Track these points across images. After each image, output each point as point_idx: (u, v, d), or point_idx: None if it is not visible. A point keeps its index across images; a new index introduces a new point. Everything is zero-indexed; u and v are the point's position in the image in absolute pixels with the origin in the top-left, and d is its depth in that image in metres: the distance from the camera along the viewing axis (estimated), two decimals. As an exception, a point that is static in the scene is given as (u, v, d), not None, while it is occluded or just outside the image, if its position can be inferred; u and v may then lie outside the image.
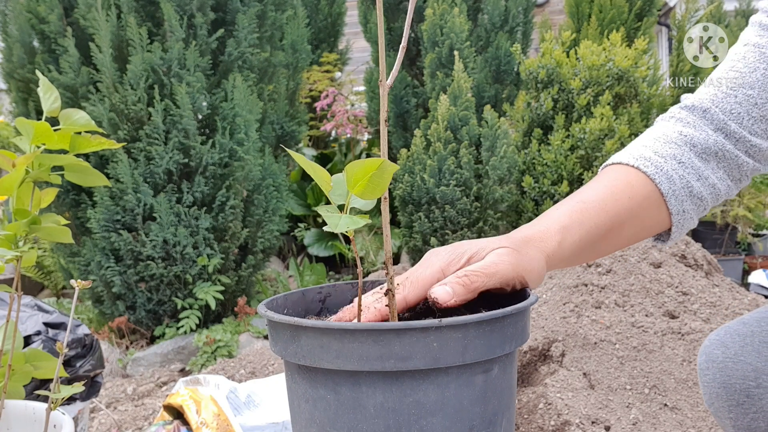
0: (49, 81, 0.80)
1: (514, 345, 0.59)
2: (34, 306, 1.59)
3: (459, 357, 0.55)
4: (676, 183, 0.90)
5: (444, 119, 3.83)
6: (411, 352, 0.54)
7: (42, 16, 3.42)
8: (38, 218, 0.75)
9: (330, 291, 0.75)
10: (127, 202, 3.24)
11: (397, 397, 0.55)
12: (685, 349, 1.99)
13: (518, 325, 0.60)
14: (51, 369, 0.79)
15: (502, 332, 0.57)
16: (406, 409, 0.55)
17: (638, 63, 4.15)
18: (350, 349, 0.54)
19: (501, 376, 0.59)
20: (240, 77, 3.47)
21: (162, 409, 1.65)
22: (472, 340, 0.55)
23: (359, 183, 0.57)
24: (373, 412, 0.55)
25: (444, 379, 0.55)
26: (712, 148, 0.91)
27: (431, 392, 0.55)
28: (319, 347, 0.56)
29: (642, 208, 0.89)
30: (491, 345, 0.56)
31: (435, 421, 0.55)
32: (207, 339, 3.22)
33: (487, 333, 0.56)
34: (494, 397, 0.59)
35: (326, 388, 0.57)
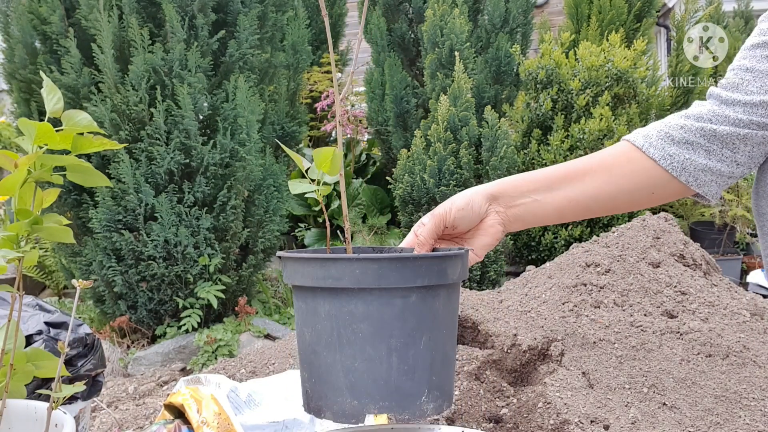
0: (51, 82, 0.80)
1: (429, 280, 0.76)
2: (35, 305, 1.60)
3: (375, 282, 0.74)
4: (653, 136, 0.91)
5: (444, 120, 3.84)
6: (342, 274, 0.75)
7: (44, 17, 3.43)
8: (40, 218, 0.75)
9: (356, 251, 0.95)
10: (128, 202, 3.25)
11: (337, 307, 0.77)
12: (683, 349, 2.00)
13: (433, 267, 0.77)
14: (52, 368, 0.80)
15: (414, 270, 0.75)
16: (343, 316, 0.76)
17: (637, 64, 4.15)
18: (308, 271, 0.78)
19: (420, 303, 0.77)
20: (241, 78, 3.48)
21: (163, 408, 1.66)
22: (387, 272, 0.74)
23: (325, 163, 0.82)
24: (324, 316, 0.78)
25: (368, 298, 0.75)
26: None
27: (360, 305, 0.76)
28: (294, 271, 0.80)
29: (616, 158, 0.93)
30: (404, 277, 0.75)
31: (363, 327, 0.76)
32: (208, 338, 3.23)
33: (399, 268, 0.75)
34: (412, 318, 0.77)
35: (301, 299, 0.81)
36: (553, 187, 0.92)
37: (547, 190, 0.92)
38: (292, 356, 2.45)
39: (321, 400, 0.82)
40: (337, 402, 0.79)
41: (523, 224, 0.95)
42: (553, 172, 0.93)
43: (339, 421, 0.80)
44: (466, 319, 2.36)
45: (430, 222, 0.91)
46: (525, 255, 4.31)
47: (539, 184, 0.93)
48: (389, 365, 0.77)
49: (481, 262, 3.83)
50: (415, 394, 0.79)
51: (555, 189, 0.92)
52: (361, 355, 0.77)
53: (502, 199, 0.93)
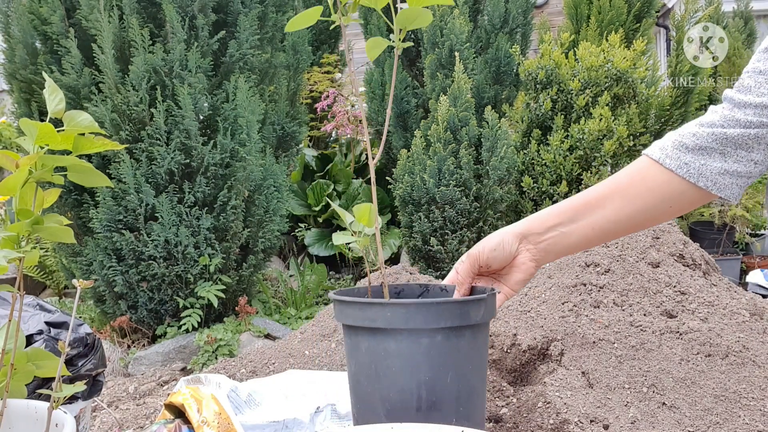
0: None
1: (452, 322, 0.85)
2: (36, 305, 1.61)
3: (404, 323, 0.85)
4: (668, 147, 0.94)
5: (444, 120, 3.84)
6: (376, 317, 0.86)
7: (44, 17, 3.43)
8: (41, 218, 0.76)
9: (404, 287, 1.09)
10: (129, 202, 3.26)
11: (374, 344, 0.88)
12: (683, 348, 2.00)
13: (454, 310, 0.86)
14: (53, 368, 0.80)
15: (438, 313, 0.85)
16: (379, 352, 0.87)
17: (637, 64, 4.16)
18: (350, 313, 0.91)
19: (445, 342, 0.86)
20: (242, 78, 3.48)
21: (163, 407, 1.66)
22: (414, 315, 0.85)
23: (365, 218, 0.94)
24: (364, 351, 0.90)
25: (399, 337, 0.86)
26: None
27: (392, 343, 0.86)
28: (340, 311, 0.93)
29: (632, 177, 0.97)
30: (429, 319, 0.84)
31: (396, 362, 0.87)
32: (208, 338, 3.23)
33: (424, 312, 0.84)
34: (438, 355, 0.86)
35: (347, 335, 0.94)
36: (576, 217, 0.97)
37: (571, 221, 0.98)
38: (292, 356, 2.46)
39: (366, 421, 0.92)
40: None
41: (554, 256, 1.01)
42: (574, 203, 0.99)
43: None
44: (465, 319, 2.36)
45: (466, 262, 1.00)
46: (525, 255, 4.30)
47: (563, 216, 0.98)
48: (419, 397, 0.86)
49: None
50: (445, 422, 0.83)
51: (578, 219, 0.97)
52: (394, 386, 0.87)
53: (531, 237, 0.99)
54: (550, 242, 0.98)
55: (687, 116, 4.72)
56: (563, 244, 0.98)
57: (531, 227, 0.99)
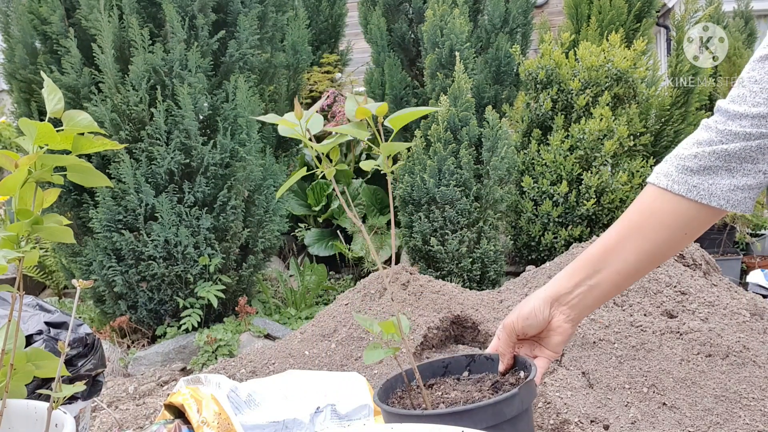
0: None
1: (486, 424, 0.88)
2: (35, 305, 1.61)
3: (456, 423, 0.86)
4: (673, 173, 0.93)
5: (444, 120, 3.84)
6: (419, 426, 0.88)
7: (44, 17, 3.43)
8: (40, 218, 0.75)
9: (450, 361, 1.10)
10: (128, 202, 3.26)
11: None
12: (683, 348, 2.00)
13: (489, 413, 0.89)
14: (53, 368, 0.80)
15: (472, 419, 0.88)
16: None
17: (637, 64, 4.15)
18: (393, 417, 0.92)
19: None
20: (241, 78, 3.48)
21: (163, 408, 1.66)
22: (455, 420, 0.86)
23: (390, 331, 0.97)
24: None
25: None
26: None
27: None
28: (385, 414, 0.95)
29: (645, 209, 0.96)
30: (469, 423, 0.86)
31: None
32: (208, 338, 3.23)
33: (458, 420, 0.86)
34: None
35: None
36: (598, 267, 0.97)
37: (595, 272, 0.97)
38: (292, 356, 2.46)
39: None
40: None
41: (588, 310, 1.00)
42: (593, 253, 0.98)
43: None
44: (466, 319, 2.36)
45: (503, 333, 1.02)
46: (525, 255, 4.31)
47: (586, 270, 0.98)
48: None
49: (482, 262, 3.83)
50: None
51: (601, 269, 0.97)
52: None
53: (561, 298, 0.99)
54: (580, 298, 0.98)
55: (687, 116, 4.72)
56: (593, 296, 0.98)
57: (559, 289, 0.99)
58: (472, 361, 1.08)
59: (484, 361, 1.07)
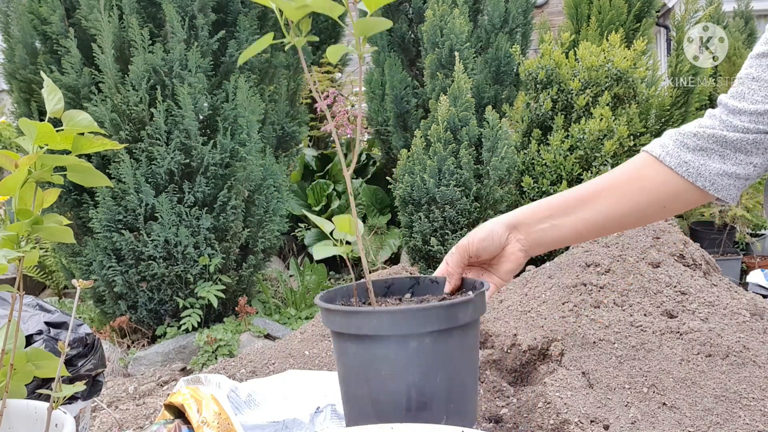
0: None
1: (439, 326, 0.85)
2: (35, 305, 1.61)
3: (391, 330, 0.84)
4: (669, 146, 0.94)
5: (444, 120, 3.84)
6: (362, 324, 0.85)
7: (44, 17, 3.43)
8: (40, 218, 0.75)
9: (394, 281, 1.07)
10: (128, 202, 3.26)
11: (362, 349, 0.87)
12: (683, 349, 2.00)
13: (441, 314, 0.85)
14: (53, 368, 0.80)
15: (426, 318, 0.84)
16: (367, 357, 0.87)
17: (637, 64, 4.15)
18: (336, 320, 0.90)
19: (433, 345, 0.85)
20: (242, 78, 3.48)
21: (163, 408, 1.66)
22: (400, 321, 0.84)
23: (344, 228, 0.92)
24: (352, 356, 0.89)
25: (386, 342, 0.85)
26: None
27: (379, 349, 0.86)
28: (326, 318, 0.92)
29: (635, 171, 0.97)
30: (416, 325, 0.84)
31: (384, 366, 0.86)
32: (208, 338, 3.23)
33: (410, 317, 0.84)
34: (426, 358, 0.85)
35: (335, 340, 0.93)
36: (569, 211, 0.97)
37: (563, 214, 0.97)
38: (292, 356, 2.46)
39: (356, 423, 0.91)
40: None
41: (543, 248, 1.00)
42: (567, 197, 0.98)
43: None
44: (466, 319, 2.35)
45: (456, 254, 0.99)
46: (525, 255, 4.31)
47: (555, 209, 0.98)
48: (409, 398, 0.86)
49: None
50: (435, 421, 0.85)
51: (570, 213, 0.97)
52: (384, 389, 0.87)
53: (522, 227, 0.99)
54: (540, 234, 0.98)
55: (687, 116, 4.72)
56: (553, 236, 0.98)
57: (522, 218, 0.99)
58: (416, 283, 1.06)
59: (429, 284, 1.05)
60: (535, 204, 1.01)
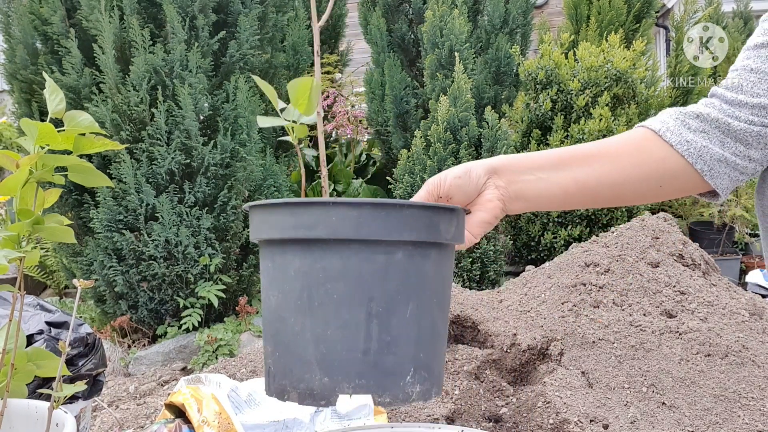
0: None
1: (417, 235, 0.66)
2: (36, 305, 1.61)
3: (354, 232, 0.64)
4: (669, 122, 0.89)
5: (444, 120, 3.84)
6: (315, 222, 0.64)
7: (45, 17, 3.43)
8: (41, 218, 0.76)
9: None
10: (129, 202, 3.26)
11: (309, 262, 0.66)
12: (682, 348, 2.00)
13: (423, 219, 0.67)
14: (53, 368, 0.80)
15: (401, 219, 0.65)
16: (316, 273, 0.66)
17: (636, 64, 4.16)
18: (275, 221, 0.66)
19: (407, 262, 0.66)
20: (242, 78, 3.48)
21: (164, 407, 1.66)
22: (367, 220, 0.64)
23: (301, 101, 0.69)
24: (293, 274, 0.67)
25: (345, 252, 0.65)
26: None
27: (335, 260, 0.65)
28: (261, 221, 0.69)
29: (631, 146, 0.89)
30: (389, 228, 0.64)
31: (338, 286, 0.65)
32: (208, 338, 3.23)
33: (383, 216, 0.64)
34: (397, 278, 0.66)
35: (268, 257, 0.70)
36: (559, 167, 0.87)
37: (553, 169, 0.87)
38: (293, 356, 2.45)
39: (285, 378, 0.69)
40: (305, 379, 0.67)
41: (525, 204, 0.88)
42: (559, 153, 0.88)
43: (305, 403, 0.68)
44: (466, 318, 2.37)
45: (423, 190, 0.84)
46: (525, 255, 4.32)
47: (544, 162, 0.87)
48: (368, 334, 0.66)
49: (481, 262, 3.83)
50: (399, 373, 0.68)
51: (561, 169, 0.87)
52: (335, 320, 0.66)
53: (504, 173, 0.86)
54: (524, 186, 0.86)
55: (687, 116, 4.72)
56: (538, 189, 0.86)
57: (507, 164, 0.87)
58: None
59: None
60: (522, 154, 0.89)
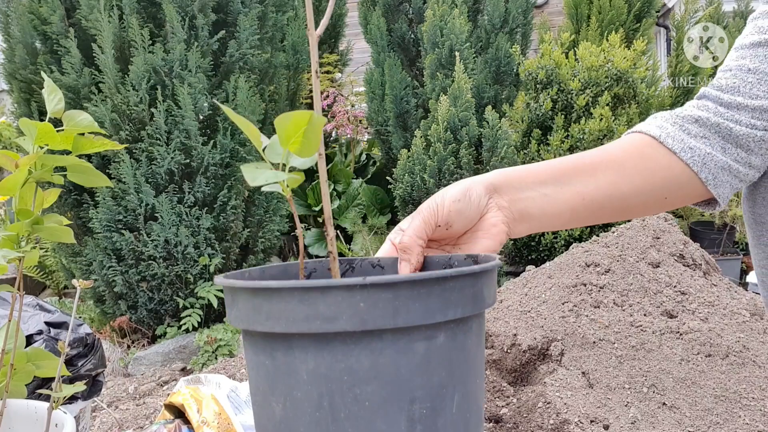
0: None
1: (463, 311, 0.54)
2: (36, 305, 1.61)
3: (390, 320, 0.50)
4: (668, 128, 0.82)
5: (444, 120, 3.84)
6: (337, 312, 0.50)
7: (44, 17, 3.43)
8: (41, 218, 0.75)
9: (316, 266, 0.71)
10: (129, 202, 3.26)
11: (329, 362, 0.52)
12: (683, 348, 2.00)
13: (466, 289, 0.54)
14: (53, 368, 0.80)
15: (444, 296, 0.52)
16: (339, 375, 0.52)
17: (637, 64, 4.16)
18: (278, 310, 0.51)
19: (450, 345, 0.55)
20: (242, 78, 3.48)
21: (163, 407, 1.66)
22: (405, 302, 0.51)
23: (294, 138, 0.53)
24: (306, 378, 0.52)
25: (377, 345, 0.51)
26: None
27: (363, 358, 0.51)
28: (252, 309, 0.53)
29: (634, 153, 0.81)
30: (429, 309, 0.52)
31: (370, 390, 0.52)
32: (208, 338, 3.23)
33: (423, 295, 0.51)
34: (441, 368, 0.54)
35: (264, 353, 0.55)
36: (563, 180, 0.78)
37: (557, 183, 0.77)
38: (292, 356, 2.45)
39: None
40: None
41: (529, 225, 0.78)
42: (561, 165, 0.79)
43: None
44: (466, 319, 2.36)
45: (418, 220, 0.72)
46: (525, 255, 4.31)
47: (546, 176, 0.78)
48: None
49: (481, 262, 3.83)
50: None
51: (565, 183, 0.78)
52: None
53: (506, 191, 0.76)
54: (528, 204, 0.76)
55: (687, 116, 4.73)
56: (543, 208, 0.77)
57: (506, 180, 0.76)
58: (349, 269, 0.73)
59: (369, 268, 0.73)
60: (523, 167, 0.79)
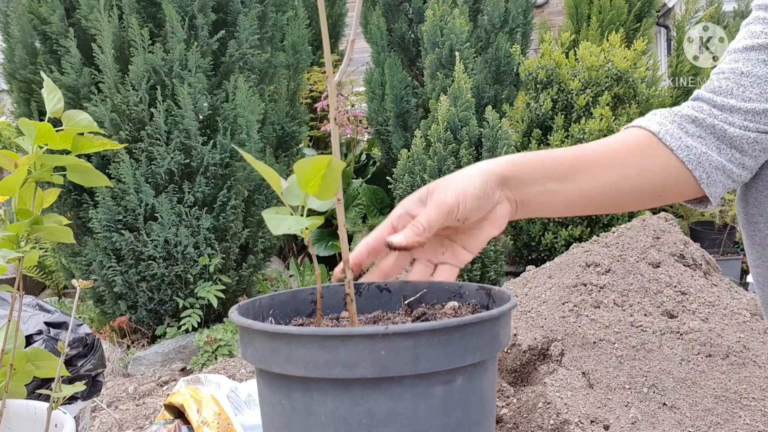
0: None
1: (480, 355, 0.54)
2: (35, 305, 1.60)
3: (410, 367, 0.51)
4: (667, 125, 0.84)
5: (444, 120, 3.84)
6: (357, 359, 0.51)
7: (44, 17, 3.43)
8: (40, 218, 0.75)
9: (324, 293, 0.71)
10: (128, 202, 3.26)
11: (348, 405, 0.52)
12: (683, 349, 2.00)
13: (485, 333, 0.55)
14: (52, 368, 0.80)
15: (463, 342, 0.53)
16: (357, 418, 0.52)
17: (637, 64, 4.16)
18: (298, 354, 0.52)
19: (467, 388, 0.55)
20: (241, 78, 3.48)
21: (163, 408, 1.66)
22: (426, 350, 0.51)
23: (313, 182, 0.54)
24: (324, 419, 0.53)
25: (397, 389, 0.52)
26: None
27: (383, 402, 0.52)
28: (270, 351, 0.54)
29: (632, 149, 0.83)
30: (449, 356, 0.52)
31: (388, 431, 0.53)
32: (208, 338, 3.23)
33: (443, 342, 0.52)
34: (458, 410, 0.55)
35: (281, 392, 0.56)
36: (567, 176, 0.80)
37: (561, 179, 0.80)
38: (292, 356, 2.45)
39: None
40: None
41: (528, 214, 0.82)
42: (565, 161, 0.81)
43: None
44: (466, 319, 2.36)
45: (436, 214, 0.72)
46: (525, 255, 4.31)
47: (552, 171, 0.80)
48: None
49: (482, 262, 3.83)
50: None
51: (569, 179, 0.80)
52: None
53: (515, 185, 0.78)
54: (533, 197, 0.79)
55: (687, 116, 4.73)
56: (542, 202, 0.80)
57: (517, 173, 0.78)
58: (356, 293, 0.72)
59: (377, 292, 0.74)
60: (531, 158, 0.81)
